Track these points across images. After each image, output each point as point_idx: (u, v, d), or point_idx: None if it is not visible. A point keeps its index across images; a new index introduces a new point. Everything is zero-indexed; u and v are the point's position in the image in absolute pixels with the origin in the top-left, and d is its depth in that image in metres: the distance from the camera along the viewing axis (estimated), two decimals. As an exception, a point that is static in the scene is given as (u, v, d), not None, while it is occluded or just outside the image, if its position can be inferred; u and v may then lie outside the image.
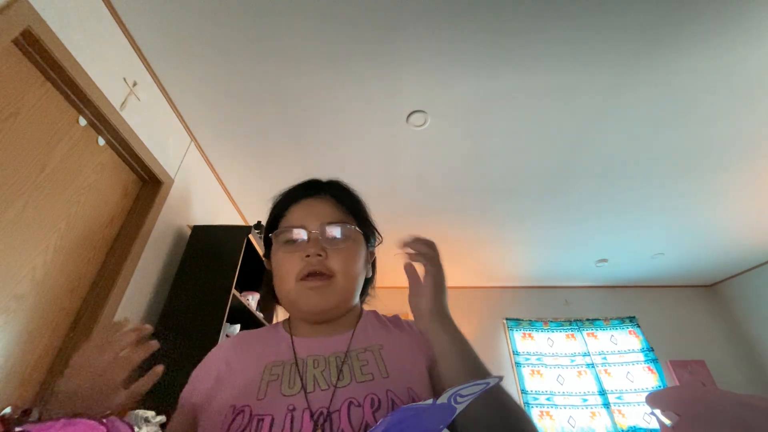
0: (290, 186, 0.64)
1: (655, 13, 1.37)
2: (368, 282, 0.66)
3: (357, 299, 0.60)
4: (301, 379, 0.47)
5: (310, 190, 0.62)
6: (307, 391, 0.45)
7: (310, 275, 0.53)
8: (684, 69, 1.59)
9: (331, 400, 0.44)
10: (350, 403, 0.43)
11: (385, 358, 0.50)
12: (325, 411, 0.43)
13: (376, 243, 0.67)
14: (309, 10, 1.33)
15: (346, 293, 0.55)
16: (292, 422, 0.42)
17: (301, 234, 0.56)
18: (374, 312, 0.63)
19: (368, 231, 0.63)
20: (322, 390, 0.45)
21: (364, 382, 0.46)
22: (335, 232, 0.56)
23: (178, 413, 0.54)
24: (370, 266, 0.65)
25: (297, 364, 0.50)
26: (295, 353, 0.52)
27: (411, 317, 0.58)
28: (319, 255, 0.54)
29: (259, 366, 0.51)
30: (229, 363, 0.54)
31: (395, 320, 0.60)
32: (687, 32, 1.44)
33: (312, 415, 0.42)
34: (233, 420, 0.43)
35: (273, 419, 0.42)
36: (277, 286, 0.57)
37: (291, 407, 0.43)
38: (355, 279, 0.57)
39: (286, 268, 0.55)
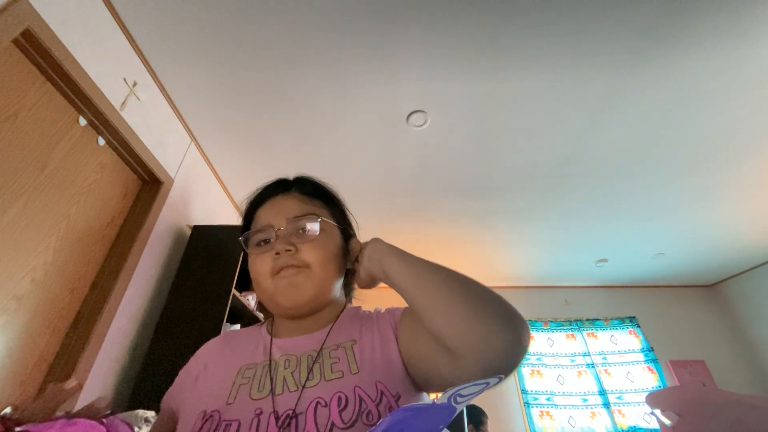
0: (257, 188, 0.63)
1: (656, 11, 1.37)
2: (351, 274, 0.65)
3: (337, 291, 0.58)
4: (272, 382, 0.47)
5: (276, 188, 0.61)
6: (275, 393, 0.45)
7: (283, 270, 0.53)
8: (684, 69, 1.59)
9: (297, 402, 0.43)
10: (317, 403, 0.42)
11: (356, 353, 0.48)
12: (291, 413, 0.42)
13: (354, 235, 0.65)
14: (309, 10, 1.33)
15: (323, 283, 0.54)
16: (258, 427, 0.41)
17: (269, 233, 0.56)
18: (357, 307, 0.61)
19: (342, 221, 0.62)
20: (290, 391, 0.45)
21: (332, 381, 0.45)
22: (303, 225, 0.55)
23: (160, 415, 0.54)
24: (353, 258, 0.63)
25: (270, 366, 0.49)
26: (270, 354, 0.52)
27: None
28: (288, 250, 0.53)
29: (234, 369, 0.51)
30: (208, 365, 0.54)
31: (375, 312, 0.58)
32: (688, 32, 1.44)
33: (278, 419, 0.42)
34: (202, 425, 0.43)
35: (240, 424, 0.42)
36: (255, 288, 0.57)
37: (258, 411, 0.43)
38: (331, 269, 0.55)
39: (259, 269, 0.54)
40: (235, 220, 2.54)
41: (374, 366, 0.46)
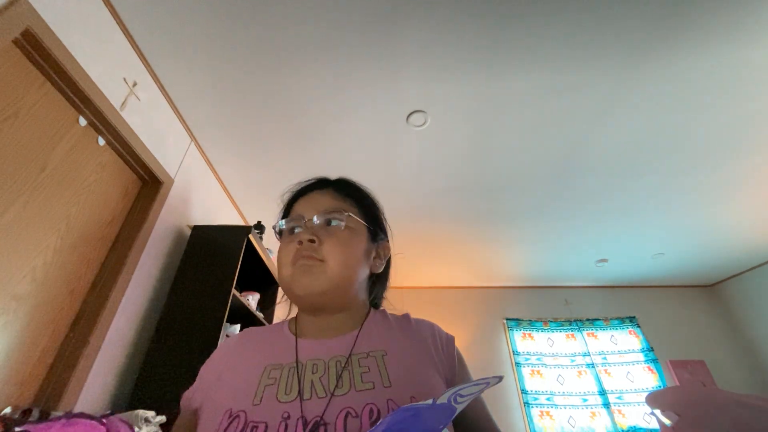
0: (298, 182, 0.66)
1: (656, 11, 1.37)
2: (380, 279, 0.65)
3: (359, 293, 0.59)
4: (299, 385, 0.46)
5: (315, 185, 0.63)
6: (303, 398, 0.44)
7: (301, 259, 0.54)
8: (684, 69, 1.59)
9: (325, 409, 0.42)
10: (347, 413, 0.42)
11: (388, 366, 0.48)
12: (319, 420, 0.41)
13: (386, 239, 0.65)
14: (309, 10, 1.33)
15: (339, 279, 0.54)
16: (285, 431, 0.41)
17: (299, 224, 0.58)
18: (382, 311, 0.61)
19: (374, 224, 0.62)
20: (319, 398, 0.44)
21: (363, 391, 0.44)
22: (330, 219, 0.57)
23: (181, 415, 0.54)
24: (382, 262, 0.64)
25: (297, 369, 0.49)
26: (297, 356, 0.51)
27: (419, 315, 0.59)
28: (311, 240, 0.54)
29: (259, 368, 0.50)
30: (231, 362, 0.54)
31: (404, 321, 0.58)
32: (689, 31, 1.44)
33: (305, 425, 0.41)
34: (228, 425, 0.43)
35: (267, 427, 0.41)
36: (278, 277, 0.58)
37: (286, 415, 0.42)
38: (350, 267, 0.55)
39: (282, 256, 0.56)
40: (235, 220, 2.54)
41: (407, 383, 0.46)
